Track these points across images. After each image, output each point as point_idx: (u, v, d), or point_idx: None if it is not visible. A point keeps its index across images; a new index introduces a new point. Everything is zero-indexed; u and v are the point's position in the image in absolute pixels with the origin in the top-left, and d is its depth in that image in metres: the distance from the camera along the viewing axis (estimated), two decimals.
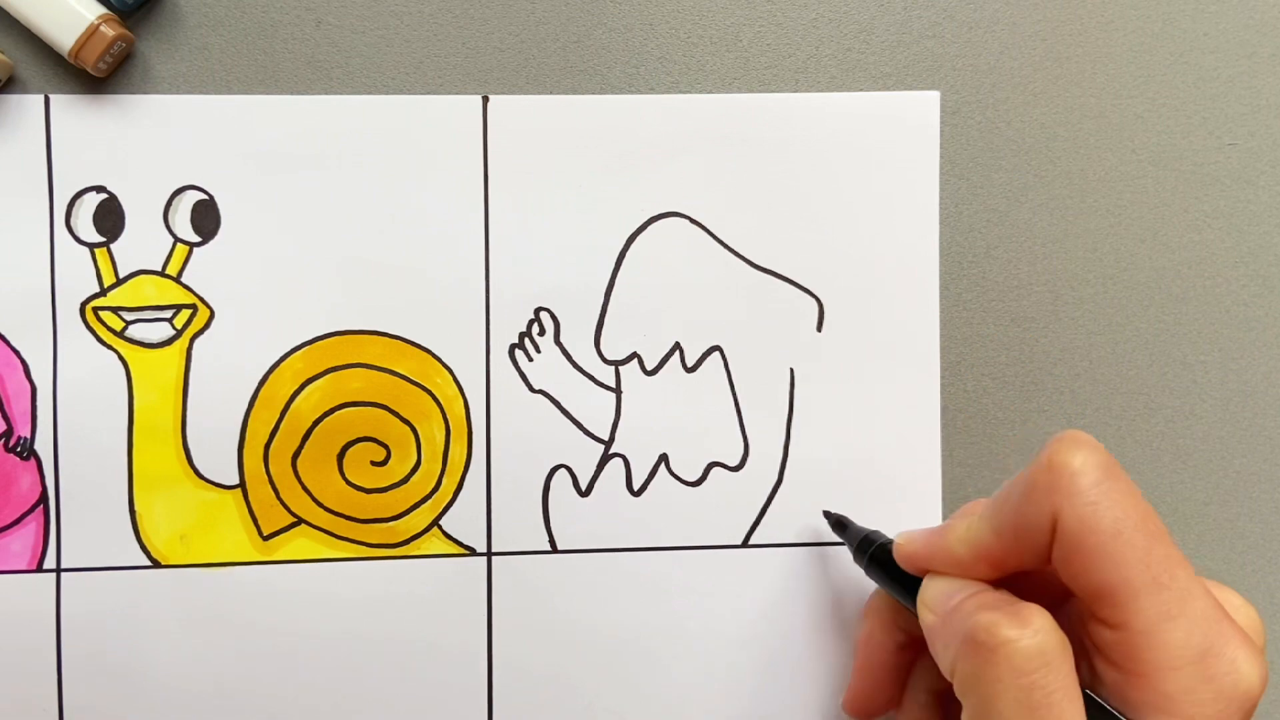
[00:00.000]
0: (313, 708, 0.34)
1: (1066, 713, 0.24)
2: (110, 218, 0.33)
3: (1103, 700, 0.25)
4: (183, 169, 0.33)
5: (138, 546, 0.33)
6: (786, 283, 0.34)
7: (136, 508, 0.33)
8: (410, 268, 0.33)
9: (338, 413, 0.34)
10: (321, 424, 0.34)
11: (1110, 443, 0.35)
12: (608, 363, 0.34)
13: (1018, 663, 0.24)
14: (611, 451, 0.34)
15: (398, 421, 0.34)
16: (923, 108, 0.35)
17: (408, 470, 0.34)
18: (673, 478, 0.34)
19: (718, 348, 0.34)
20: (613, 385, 0.34)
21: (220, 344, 0.33)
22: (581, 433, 0.34)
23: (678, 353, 0.34)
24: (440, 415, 0.34)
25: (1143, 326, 0.35)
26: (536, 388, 0.34)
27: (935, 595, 0.28)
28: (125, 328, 0.33)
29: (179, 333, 0.33)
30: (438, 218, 0.34)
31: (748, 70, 0.34)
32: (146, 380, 0.33)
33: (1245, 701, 0.24)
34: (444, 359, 0.34)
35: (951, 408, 0.35)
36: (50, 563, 0.33)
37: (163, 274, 0.33)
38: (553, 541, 0.34)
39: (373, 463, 0.34)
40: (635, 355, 0.34)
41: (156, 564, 0.33)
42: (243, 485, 0.33)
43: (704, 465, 0.34)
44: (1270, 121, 0.36)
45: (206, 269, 0.33)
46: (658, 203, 0.34)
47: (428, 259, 0.34)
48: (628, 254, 0.34)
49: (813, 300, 0.35)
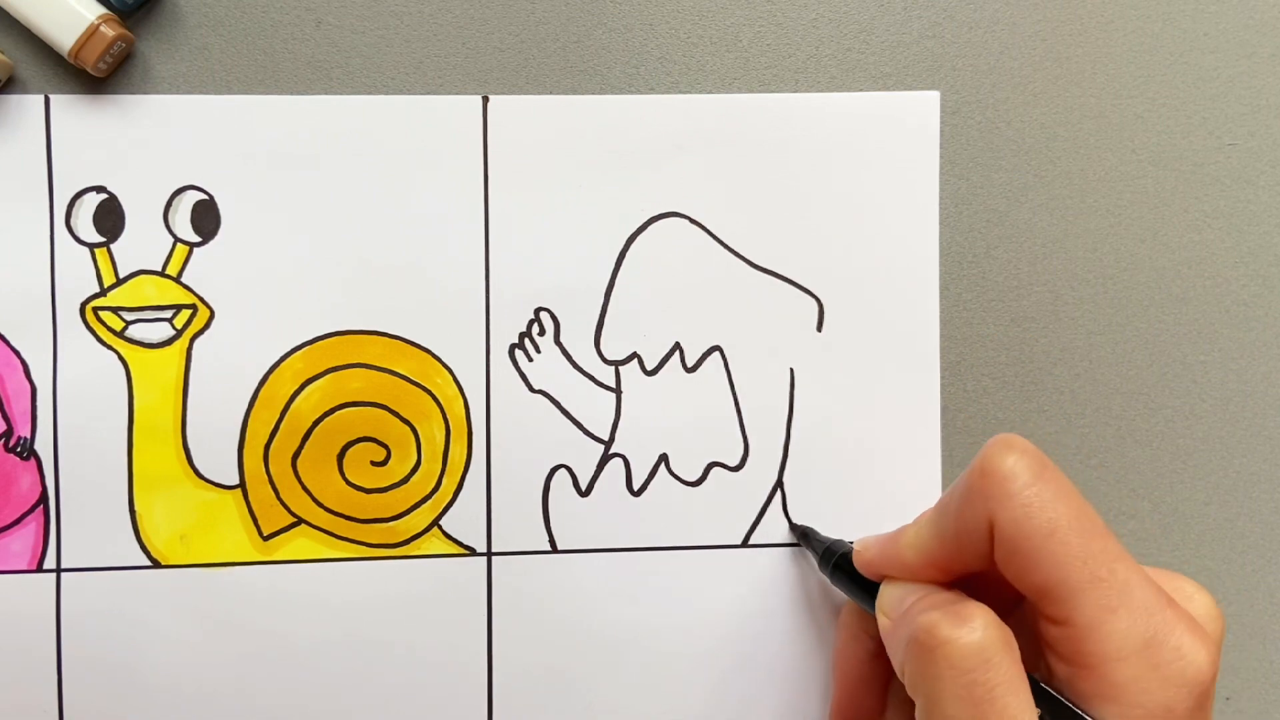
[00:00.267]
0: (312, 708, 0.34)
1: (1010, 706, 0.24)
2: (110, 218, 0.33)
3: (1055, 691, 0.25)
4: (183, 169, 0.33)
5: (138, 546, 0.33)
6: (786, 283, 0.34)
7: (136, 508, 0.33)
8: (410, 268, 0.33)
9: (338, 413, 0.34)
10: (321, 424, 0.34)
11: (1110, 443, 0.35)
12: (608, 363, 0.34)
13: (956, 660, 0.24)
14: (611, 451, 0.34)
15: (398, 421, 0.34)
16: (923, 108, 0.35)
17: (408, 470, 0.34)
18: (673, 478, 0.34)
19: (718, 348, 0.34)
20: (613, 385, 0.34)
21: (220, 344, 0.33)
22: (581, 433, 0.34)
23: (678, 353, 0.34)
24: (440, 415, 0.34)
25: (1143, 326, 0.35)
26: (536, 388, 0.34)
27: (889, 600, 0.29)
28: (125, 328, 0.33)
29: (179, 333, 0.33)
30: (438, 218, 0.34)
31: (748, 70, 0.34)
32: (146, 380, 0.33)
33: (1195, 687, 0.24)
34: (444, 359, 0.34)
35: (951, 408, 0.35)
36: (50, 563, 0.33)
37: (163, 274, 0.33)
38: (553, 541, 0.34)
39: (373, 463, 0.34)
40: (635, 355, 0.34)
41: (156, 564, 0.33)
42: (243, 485, 0.33)
43: (704, 465, 0.34)
44: (1270, 121, 0.36)
45: (206, 269, 0.33)
46: (658, 203, 0.34)
47: (428, 259, 0.34)
48: (628, 254, 0.34)
49: (813, 300, 0.35)
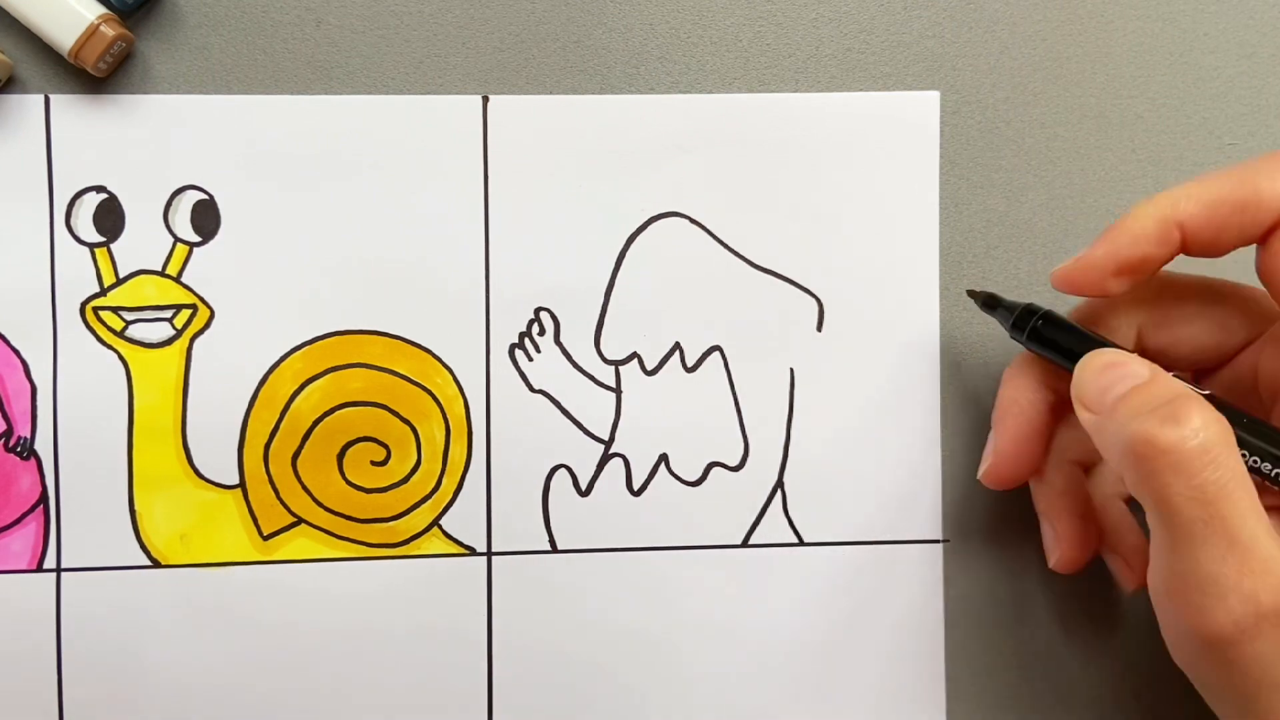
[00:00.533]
0: (312, 707, 0.34)
1: (1242, 500, 0.23)
2: (110, 218, 0.33)
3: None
4: (183, 169, 0.33)
5: (138, 546, 0.33)
6: (786, 283, 0.34)
7: (136, 507, 0.33)
8: (410, 268, 0.33)
9: (338, 413, 0.34)
10: (321, 424, 0.34)
11: None
12: (608, 363, 0.34)
13: (1184, 467, 0.24)
14: (611, 451, 0.34)
15: (398, 421, 0.34)
16: (923, 108, 0.35)
17: (408, 470, 0.34)
18: (673, 478, 0.34)
19: (718, 348, 0.34)
20: (613, 385, 0.34)
21: (220, 344, 0.33)
22: (581, 433, 0.34)
23: (678, 353, 0.34)
24: (440, 415, 0.34)
25: None
26: (536, 388, 0.34)
27: (1089, 391, 0.27)
28: (125, 328, 0.33)
29: (179, 333, 0.33)
30: (438, 218, 0.34)
31: (748, 70, 0.34)
32: (146, 380, 0.33)
33: None
34: (444, 359, 0.34)
35: (951, 408, 0.35)
36: (50, 562, 0.33)
37: (163, 274, 0.33)
38: (553, 541, 0.34)
39: (373, 463, 0.34)
40: (635, 355, 0.34)
41: (156, 564, 0.33)
42: (243, 485, 0.33)
43: (704, 465, 0.34)
44: (1270, 121, 0.36)
45: (206, 269, 0.33)
46: (658, 203, 0.34)
47: (428, 259, 0.34)
48: (628, 254, 0.34)
49: (813, 300, 0.35)
